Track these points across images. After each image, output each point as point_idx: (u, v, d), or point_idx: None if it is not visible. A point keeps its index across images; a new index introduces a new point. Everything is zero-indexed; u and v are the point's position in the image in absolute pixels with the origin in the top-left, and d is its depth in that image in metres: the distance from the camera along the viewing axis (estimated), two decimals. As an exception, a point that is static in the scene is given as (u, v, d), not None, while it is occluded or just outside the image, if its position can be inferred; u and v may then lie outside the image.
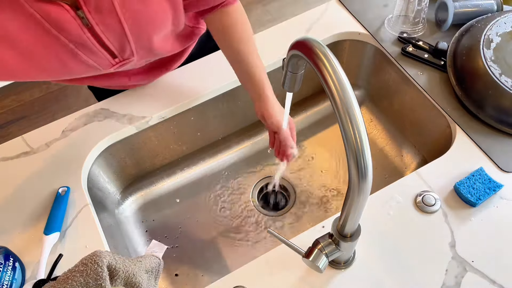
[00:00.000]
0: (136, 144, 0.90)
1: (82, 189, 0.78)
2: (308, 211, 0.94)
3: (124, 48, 0.68)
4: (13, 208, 0.76)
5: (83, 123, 0.87)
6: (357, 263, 0.67)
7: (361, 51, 1.01)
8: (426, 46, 0.91)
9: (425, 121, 0.91)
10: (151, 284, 0.62)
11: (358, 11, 1.00)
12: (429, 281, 0.64)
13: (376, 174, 0.98)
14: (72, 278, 0.49)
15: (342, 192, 0.96)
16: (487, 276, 0.64)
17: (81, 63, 0.66)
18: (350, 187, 0.48)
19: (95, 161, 0.85)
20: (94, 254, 0.51)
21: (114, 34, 0.64)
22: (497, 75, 0.79)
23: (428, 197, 0.72)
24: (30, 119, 1.95)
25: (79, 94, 2.01)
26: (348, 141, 0.43)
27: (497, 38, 0.82)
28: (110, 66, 0.70)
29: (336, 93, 0.43)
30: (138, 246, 0.91)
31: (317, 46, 0.46)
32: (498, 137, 0.78)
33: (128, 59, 0.71)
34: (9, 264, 0.65)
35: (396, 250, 0.68)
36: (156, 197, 0.98)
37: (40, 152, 0.83)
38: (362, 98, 1.09)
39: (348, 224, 0.55)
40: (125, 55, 0.69)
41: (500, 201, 0.71)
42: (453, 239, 0.68)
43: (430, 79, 0.88)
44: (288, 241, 0.64)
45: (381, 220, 0.71)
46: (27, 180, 0.79)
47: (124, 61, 0.70)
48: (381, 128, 1.04)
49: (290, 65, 0.59)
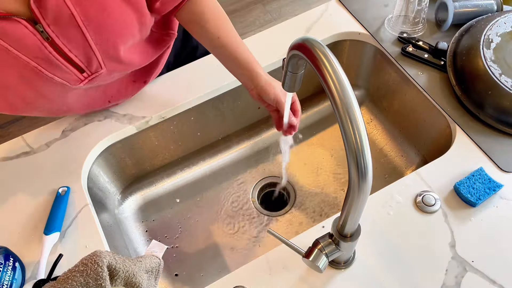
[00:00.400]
0: (136, 144, 0.91)
1: (82, 189, 0.78)
2: (308, 211, 0.94)
3: (91, 61, 0.64)
4: (13, 208, 0.76)
5: (83, 123, 0.87)
6: (357, 263, 0.67)
7: (361, 51, 1.01)
8: (426, 46, 0.91)
9: (425, 121, 0.91)
10: (151, 284, 0.62)
11: (358, 11, 1.00)
12: (429, 281, 0.64)
13: (376, 174, 0.98)
14: (72, 278, 0.49)
15: (342, 192, 0.96)
16: (487, 276, 0.64)
17: (46, 80, 0.63)
18: (350, 187, 0.48)
19: (95, 161, 0.85)
20: (94, 254, 0.52)
21: (77, 46, 0.61)
22: (497, 75, 0.79)
23: (428, 197, 0.72)
24: (30, 119, 1.95)
25: (79, 94, 2.01)
26: (348, 141, 0.43)
27: (497, 38, 0.83)
28: (79, 82, 0.67)
29: (336, 93, 0.43)
30: (138, 246, 0.91)
31: (317, 46, 0.46)
32: (498, 137, 0.78)
33: (96, 72, 0.67)
34: (9, 264, 0.65)
35: (396, 250, 0.68)
36: (156, 197, 0.98)
37: (40, 152, 0.83)
38: (362, 98, 1.09)
39: (348, 224, 0.55)
40: (92, 69, 0.66)
41: (500, 201, 0.71)
42: (453, 239, 0.68)
43: (430, 79, 0.88)
44: (288, 241, 0.64)
45: (381, 220, 0.71)
46: (27, 180, 0.79)
47: (92, 74, 0.67)
48: (381, 128, 1.04)
49: (290, 65, 0.59)
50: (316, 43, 0.46)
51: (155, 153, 0.97)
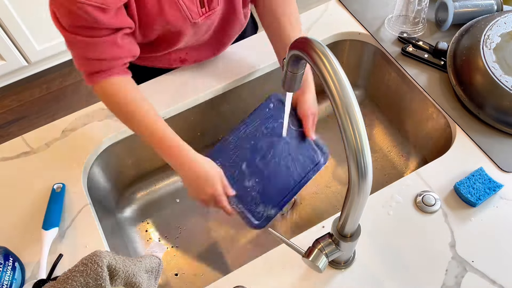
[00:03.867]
0: (136, 144, 0.90)
1: (82, 189, 0.78)
2: (308, 211, 0.94)
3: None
4: (13, 208, 0.76)
5: (83, 123, 0.87)
6: (357, 263, 0.67)
7: (361, 51, 1.01)
8: (426, 46, 0.91)
9: (425, 121, 0.91)
10: (151, 284, 0.62)
11: (358, 11, 1.00)
12: (429, 281, 0.64)
13: (376, 174, 0.98)
14: (72, 278, 0.49)
15: (342, 192, 0.96)
16: (487, 276, 0.64)
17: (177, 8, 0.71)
18: (350, 187, 0.48)
19: (95, 161, 0.85)
20: (94, 254, 0.52)
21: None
22: (497, 75, 0.79)
23: (428, 197, 0.72)
24: (30, 119, 1.95)
25: (79, 94, 2.01)
26: (348, 141, 0.43)
27: (497, 38, 0.83)
28: (198, 16, 0.74)
29: (336, 93, 0.43)
30: (138, 246, 0.91)
31: (317, 46, 0.46)
32: (498, 137, 0.78)
33: (213, 9, 0.76)
34: (8, 264, 0.65)
35: (396, 250, 0.68)
36: (156, 197, 0.98)
37: (40, 152, 0.83)
38: (362, 98, 1.09)
39: (348, 224, 0.55)
40: (211, 5, 0.75)
41: (500, 201, 0.71)
42: (453, 239, 0.68)
43: (430, 79, 0.88)
44: (288, 240, 0.64)
45: (381, 220, 0.71)
46: (27, 180, 0.79)
47: (209, 11, 0.76)
48: (381, 128, 1.04)
49: (290, 65, 0.59)
50: (316, 43, 0.46)
51: (155, 153, 0.96)
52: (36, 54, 1.89)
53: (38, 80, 2.04)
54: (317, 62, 0.45)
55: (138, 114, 0.72)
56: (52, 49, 1.91)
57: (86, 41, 0.66)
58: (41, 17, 1.75)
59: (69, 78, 2.04)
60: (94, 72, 0.71)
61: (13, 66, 1.89)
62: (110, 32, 0.66)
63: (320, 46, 0.46)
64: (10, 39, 1.78)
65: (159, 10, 0.70)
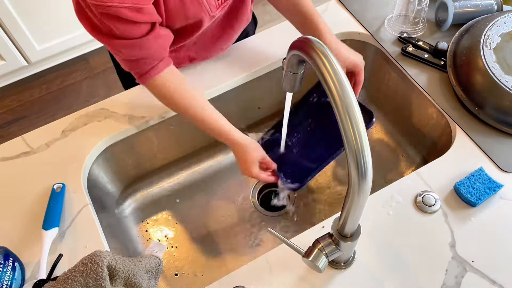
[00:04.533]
0: (136, 144, 0.90)
1: (82, 189, 0.78)
2: (308, 211, 0.94)
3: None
4: (13, 208, 0.76)
5: (83, 123, 0.87)
6: (357, 263, 0.67)
7: (361, 51, 1.00)
8: (426, 46, 0.91)
9: (425, 121, 0.91)
10: (151, 284, 0.62)
11: (358, 11, 1.00)
12: (429, 281, 0.64)
13: (376, 174, 0.97)
14: (72, 278, 0.49)
15: (342, 192, 0.96)
16: (487, 276, 0.64)
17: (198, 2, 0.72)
18: (350, 187, 0.48)
19: (95, 161, 0.85)
20: (94, 254, 0.52)
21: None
22: (497, 75, 0.79)
23: (428, 197, 0.72)
24: (30, 119, 1.95)
25: (79, 94, 2.01)
26: (348, 141, 0.43)
27: (497, 38, 0.82)
28: (215, 9, 0.77)
29: (336, 93, 0.43)
30: (138, 246, 0.91)
31: (317, 46, 0.46)
32: (498, 137, 0.78)
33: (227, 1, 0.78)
34: (8, 264, 0.65)
35: (396, 250, 0.68)
36: (156, 197, 0.98)
37: (40, 152, 0.83)
38: (362, 98, 1.09)
39: (348, 224, 0.55)
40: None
41: (500, 201, 0.71)
42: (453, 239, 0.68)
43: (430, 79, 0.88)
44: (288, 240, 0.64)
45: (381, 220, 0.71)
46: (27, 180, 0.79)
47: (224, 2, 0.78)
48: (381, 128, 1.04)
49: (290, 65, 0.59)
50: (316, 43, 0.46)
51: (155, 153, 0.97)
52: (36, 54, 1.89)
53: (38, 80, 2.04)
54: (317, 62, 0.45)
55: (190, 106, 0.79)
56: (52, 49, 1.91)
57: (130, 43, 0.67)
58: (41, 17, 1.75)
59: (69, 78, 2.04)
60: (145, 72, 0.74)
61: (13, 66, 1.89)
62: (149, 28, 0.68)
63: (320, 46, 0.46)
64: (10, 39, 1.78)
65: (181, 6, 0.71)
